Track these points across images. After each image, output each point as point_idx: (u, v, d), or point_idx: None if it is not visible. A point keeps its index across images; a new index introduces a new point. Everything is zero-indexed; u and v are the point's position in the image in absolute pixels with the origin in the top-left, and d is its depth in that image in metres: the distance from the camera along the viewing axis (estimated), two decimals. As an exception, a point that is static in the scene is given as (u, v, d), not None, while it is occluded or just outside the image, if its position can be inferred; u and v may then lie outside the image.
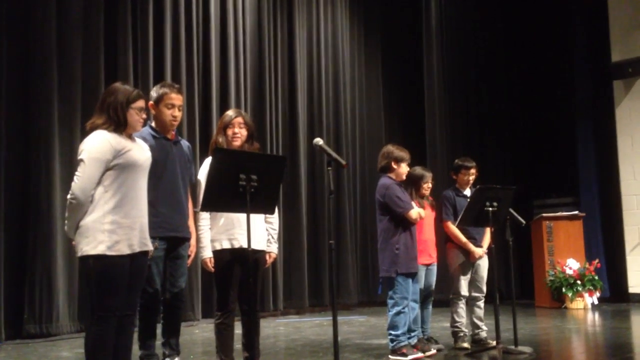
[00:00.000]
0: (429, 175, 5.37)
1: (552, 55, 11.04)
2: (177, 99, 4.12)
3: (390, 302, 4.89)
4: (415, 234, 4.99)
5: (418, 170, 5.31)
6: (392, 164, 4.98)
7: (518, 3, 11.19)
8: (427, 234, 5.30)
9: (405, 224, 4.89)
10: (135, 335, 3.72)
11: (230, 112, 4.17)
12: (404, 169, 5.01)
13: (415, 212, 4.89)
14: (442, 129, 10.28)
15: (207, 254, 3.99)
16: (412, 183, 5.24)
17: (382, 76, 10.83)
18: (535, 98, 11.24)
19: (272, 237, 4.16)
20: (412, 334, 5.01)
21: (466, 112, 10.69)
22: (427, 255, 5.29)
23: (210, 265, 4.00)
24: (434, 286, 5.45)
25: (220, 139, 4.05)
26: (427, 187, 5.34)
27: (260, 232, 4.03)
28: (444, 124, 10.30)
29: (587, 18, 10.38)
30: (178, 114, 4.13)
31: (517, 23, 11.32)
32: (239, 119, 4.08)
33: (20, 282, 6.08)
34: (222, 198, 3.47)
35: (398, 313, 4.83)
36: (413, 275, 4.95)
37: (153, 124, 4.16)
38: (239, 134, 4.06)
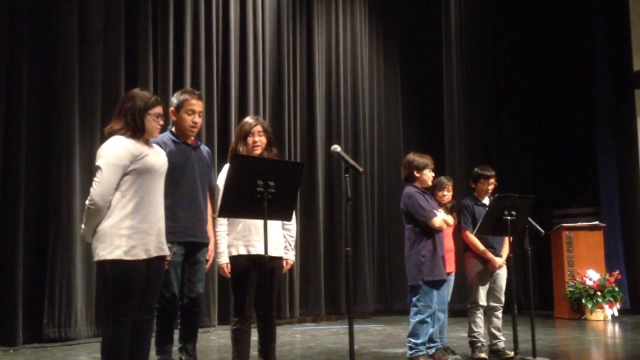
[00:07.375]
0: (446, 184, 5.36)
1: (572, 63, 10.94)
2: (197, 105, 4.14)
3: (413, 309, 4.85)
4: (441, 242, 4.96)
5: (435, 179, 5.29)
6: (414, 172, 4.98)
7: (538, 11, 11.13)
8: (446, 244, 5.26)
9: (429, 231, 4.87)
10: (153, 340, 3.74)
11: (249, 120, 4.19)
12: (428, 175, 5.00)
13: (438, 220, 4.87)
14: (461, 136, 10.22)
15: (224, 260, 4.01)
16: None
17: (401, 83, 10.80)
18: (556, 107, 11.14)
19: (290, 244, 4.17)
20: (432, 345, 4.97)
21: (486, 120, 10.61)
22: (448, 264, 5.25)
23: (227, 271, 4.01)
24: (450, 295, 5.42)
25: (241, 148, 4.07)
26: (441, 194, 5.32)
27: (277, 238, 4.04)
28: (463, 131, 10.24)
29: (608, 27, 10.28)
30: (198, 120, 4.16)
31: (537, 31, 11.25)
32: (259, 127, 4.10)
33: (39, 287, 6.13)
34: (239, 204, 3.47)
35: (421, 322, 4.79)
36: (440, 283, 4.93)
37: (173, 129, 4.19)
38: (259, 142, 4.08)
